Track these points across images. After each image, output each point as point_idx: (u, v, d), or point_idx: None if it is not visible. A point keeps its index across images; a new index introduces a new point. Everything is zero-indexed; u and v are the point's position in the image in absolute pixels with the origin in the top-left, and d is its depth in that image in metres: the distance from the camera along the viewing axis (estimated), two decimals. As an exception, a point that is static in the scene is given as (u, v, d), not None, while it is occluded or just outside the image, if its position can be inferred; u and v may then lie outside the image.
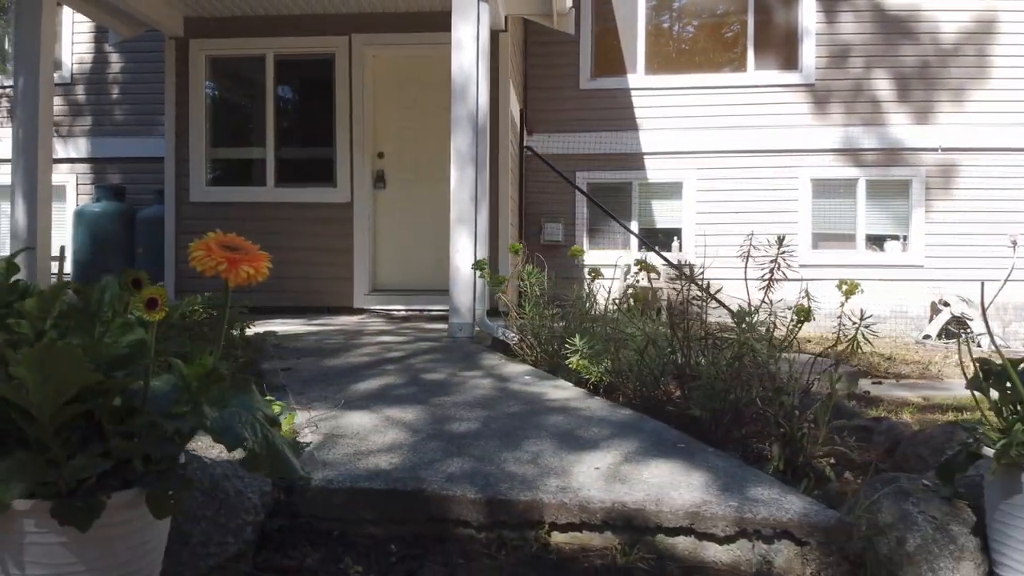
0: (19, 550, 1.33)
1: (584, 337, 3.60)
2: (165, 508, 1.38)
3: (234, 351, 3.87)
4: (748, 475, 2.23)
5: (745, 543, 1.97)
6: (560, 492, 2.06)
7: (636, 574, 1.91)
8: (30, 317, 1.34)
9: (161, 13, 6.78)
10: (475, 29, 4.97)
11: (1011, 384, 1.92)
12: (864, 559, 1.96)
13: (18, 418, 1.28)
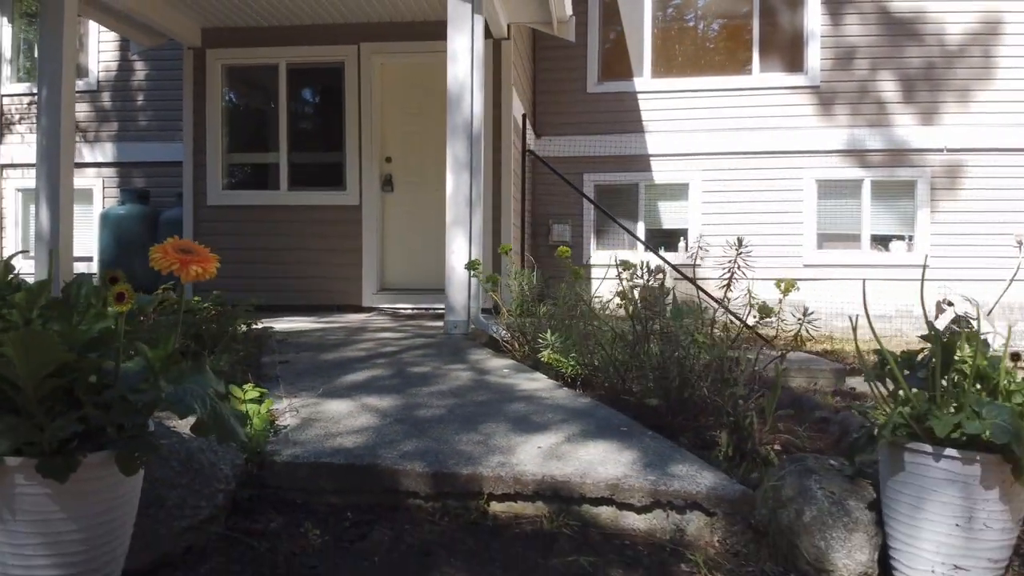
0: (10, 500, 1.61)
1: (555, 333, 3.83)
2: (132, 467, 1.65)
3: (235, 345, 4.16)
4: (674, 454, 2.46)
5: (660, 513, 2.20)
6: (500, 467, 2.31)
7: (560, 539, 2.15)
8: (19, 307, 1.62)
9: (179, 24, 7.14)
10: (469, 41, 5.22)
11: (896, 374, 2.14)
12: (768, 528, 2.18)
13: (8, 389, 1.56)
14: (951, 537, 1.93)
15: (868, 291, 8.33)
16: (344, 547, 2.13)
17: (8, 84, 10.77)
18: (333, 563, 2.04)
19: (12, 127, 10.74)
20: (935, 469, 1.95)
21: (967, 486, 1.91)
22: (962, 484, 1.91)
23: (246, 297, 5.23)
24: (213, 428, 1.64)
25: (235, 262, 7.47)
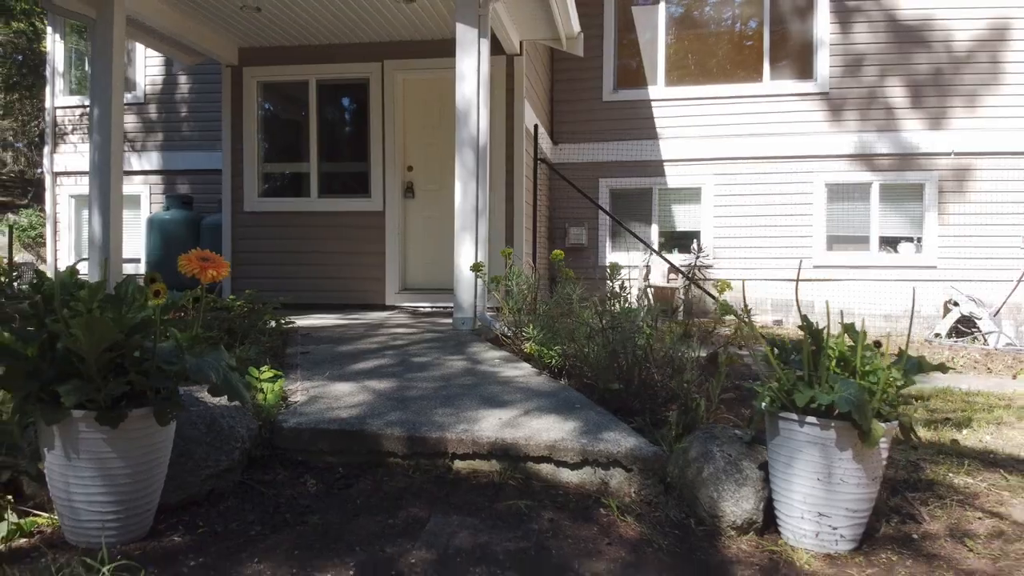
0: (75, 443, 2.19)
1: (539, 329, 4.34)
2: (164, 419, 2.22)
3: (262, 338, 4.76)
4: (609, 424, 2.96)
5: (589, 469, 2.71)
6: (463, 432, 2.84)
7: (507, 489, 2.68)
8: (83, 300, 2.18)
9: (218, 45, 7.80)
10: (476, 63, 5.76)
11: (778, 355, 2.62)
12: (676, 483, 2.67)
13: (75, 360, 2.13)
14: (815, 489, 2.41)
15: (878, 291, 8.93)
16: (334, 493, 2.68)
17: (61, 97, 11.61)
18: (323, 504, 2.58)
19: (65, 137, 11.57)
20: (800, 433, 2.42)
21: (825, 447, 2.39)
22: (821, 446, 2.39)
23: (280, 295, 5.85)
24: (224, 390, 2.20)
25: (270, 264, 8.13)
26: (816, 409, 2.39)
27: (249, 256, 8.17)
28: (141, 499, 2.31)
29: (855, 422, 2.33)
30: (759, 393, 2.62)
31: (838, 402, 2.30)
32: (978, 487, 3.07)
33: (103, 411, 2.14)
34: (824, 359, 2.52)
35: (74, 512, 2.25)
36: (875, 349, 2.58)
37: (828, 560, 2.36)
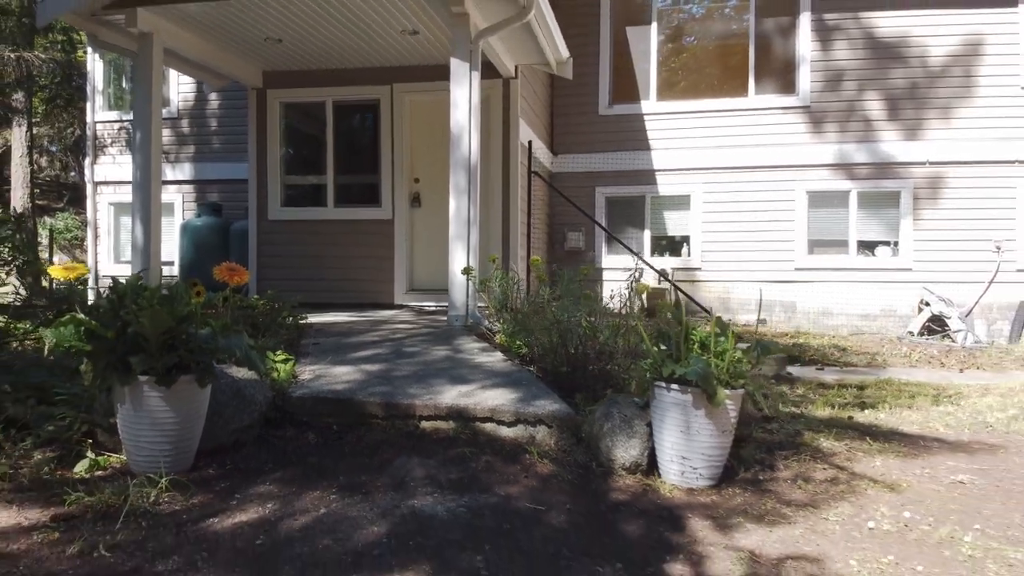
0: (140, 400, 3.12)
1: (505, 323, 5.23)
2: (203, 383, 3.15)
3: (280, 331, 5.70)
4: (540, 394, 3.86)
5: (521, 427, 3.60)
6: (428, 400, 3.75)
7: (459, 441, 3.58)
8: (147, 299, 3.12)
9: (244, 71, 8.79)
10: (467, 92, 6.66)
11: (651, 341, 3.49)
12: (586, 437, 3.55)
13: (141, 340, 3.07)
14: (679, 439, 3.28)
15: (856, 292, 9.98)
16: (328, 444, 3.60)
17: (100, 112, 12.70)
18: (320, 451, 3.51)
19: (105, 150, 12.66)
20: (668, 397, 3.30)
21: (684, 408, 3.25)
22: (682, 406, 3.26)
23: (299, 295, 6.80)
24: (245, 363, 3.13)
25: (291, 267, 9.10)
26: (679, 379, 3.26)
27: (272, 260, 9.14)
28: (185, 442, 3.24)
29: (704, 388, 3.19)
30: (643, 368, 3.49)
31: (689, 374, 3.17)
32: (839, 449, 3.91)
33: (160, 376, 3.08)
34: (688, 343, 3.39)
35: (139, 450, 3.18)
36: (728, 336, 3.43)
37: (687, 492, 3.23)
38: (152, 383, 3.09)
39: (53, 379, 3.78)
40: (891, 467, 3.61)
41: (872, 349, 8.56)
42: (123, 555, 2.43)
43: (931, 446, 4.08)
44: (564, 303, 4.78)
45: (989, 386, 6.49)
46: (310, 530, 2.62)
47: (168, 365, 3.10)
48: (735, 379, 3.33)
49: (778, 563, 2.46)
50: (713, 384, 3.17)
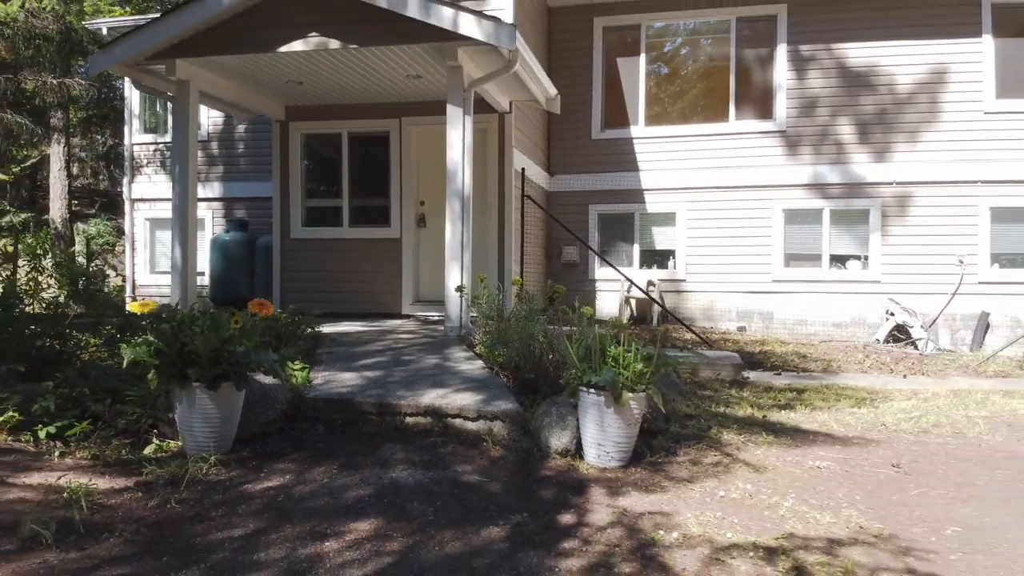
0: (193, 400, 4.28)
1: (485, 335, 6.35)
2: (240, 387, 4.31)
3: (299, 342, 6.85)
4: (501, 396, 4.98)
5: (482, 422, 4.73)
6: (411, 400, 4.88)
7: (433, 432, 4.71)
8: (201, 324, 4.28)
9: (268, 107, 9.98)
10: (461, 134, 7.78)
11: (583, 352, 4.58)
12: (532, 430, 4.66)
13: (195, 357, 4.23)
14: (596, 430, 4.38)
15: (829, 303, 11.27)
16: (334, 434, 4.74)
17: (137, 135, 13.98)
18: (326, 439, 4.65)
19: (141, 170, 13.94)
20: (588, 399, 4.40)
21: (599, 406, 4.35)
22: (597, 405, 4.36)
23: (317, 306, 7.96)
24: (270, 372, 4.30)
25: (310, 280, 10.28)
26: (595, 385, 4.36)
27: (294, 273, 10.33)
28: (227, 431, 4.40)
29: (612, 392, 4.29)
30: (571, 376, 4.59)
31: (600, 381, 4.28)
32: (736, 441, 4.99)
33: (209, 382, 4.24)
34: (604, 357, 4.49)
35: (192, 437, 4.34)
36: (634, 351, 4.51)
37: (600, 470, 4.33)
38: (203, 388, 4.25)
39: (122, 384, 4.95)
40: (770, 455, 4.69)
41: (832, 356, 9.57)
42: (187, 506, 3.58)
43: (816, 440, 5.15)
44: (526, 321, 5.87)
45: (919, 391, 7.51)
46: (315, 492, 3.76)
47: (215, 375, 4.26)
48: (637, 384, 4.41)
49: (639, 516, 3.55)
50: (619, 389, 4.26)
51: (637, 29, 11.93)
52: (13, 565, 2.78)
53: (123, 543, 3.08)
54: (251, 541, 3.13)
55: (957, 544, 3.24)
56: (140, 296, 13.88)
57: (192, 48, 7.98)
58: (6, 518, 3.23)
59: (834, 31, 11.28)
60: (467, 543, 3.14)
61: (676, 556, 3.04)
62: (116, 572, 2.79)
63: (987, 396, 7.11)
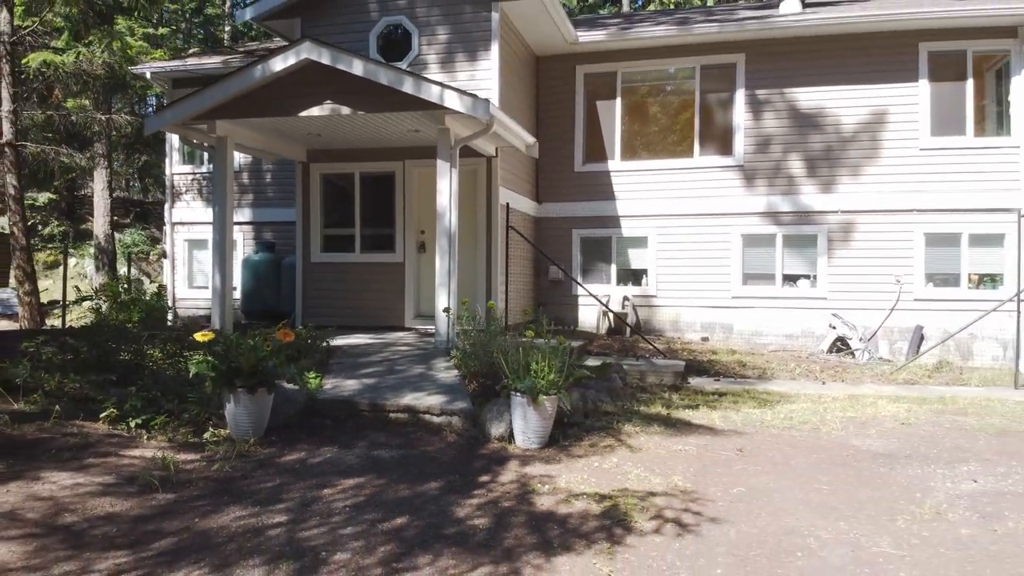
0: (238, 399, 6.23)
1: (457, 349, 8.25)
2: (270, 392, 6.27)
3: (315, 354, 8.80)
4: (461, 398, 6.89)
5: (444, 417, 6.65)
6: (394, 400, 6.81)
7: (408, 424, 6.63)
8: (246, 345, 6.21)
9: (292, 152, 11.97)
10: (448, 184, 9.68)
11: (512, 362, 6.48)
12: (480, 423, 6.56)
13: (239, 370, 6.18)
14: (521, 422, 6.27)
15: (782, 317, 13.70)
16: (337, 426, 6.68)
17: (176, 166, 16.07)
18: (331, 430, 6.59)
19: (180, 196, 16.03)
20: (516, 399, 6.29)
21: (523, 405, 6.24)
22: (522, 405, 6.25)
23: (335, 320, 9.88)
24: (292, 381, 6.26)
25: (328, 298, 12.25)
26: (519, 389, 6.24)
27: (315, 292, 12.31)
28: (260, 422, 6.35)
29: (530, 395, 6.17)
30: (506, 383, 6.47)
31: (521, 388, 6.16)
32: (633, 431, 6.83)
33: (248, 388, 6.18)
34: (527, 368, 6.37)
35: (237, 427, 6.29)
36: (548, 364, 6.38)
37: (524, 450, 6.21)
38: (245, 392, 6.20)
39: (184, 388, 6.92)
40: (651, 442, 6.54)
41: (771, 364, 11.35)
42: (235, 470, 5.52)
43: (695, 432, 6.99)
44: (488, 339, 7.77)
45: (823, 395, 9.29)
46: (321, 463, 5.69)
47: (253, 383, 6.20)
48: (551, 390, 6.28)
49: (533, 477, 5.43)
50: (536, 393, 6.15)
51: (614, 75, 13.78)
52: (138, 499, 4.72)
53: (199, 490, 5.02)
54: (277, 489, 5.06)
55: (733, 498, 5.08)
56: (179, 307, 15.98)
57: (228, 111, 9.98)
58: (126, 474, 5.19)
59: (786, 77, 13.05)
60: (414, 491, 5.04)
61: (542, 499, 4.92)
62: (199, 504, 4.72)
63: (876, 400, 8.88)
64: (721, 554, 4.00)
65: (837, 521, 4.53)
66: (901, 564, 3.89)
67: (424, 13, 11.71)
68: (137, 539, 4.05)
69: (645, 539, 4.20)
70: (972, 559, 3.97)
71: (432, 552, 3.94)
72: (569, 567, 3.79)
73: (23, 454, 5.38)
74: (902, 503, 4.90)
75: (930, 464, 5.93)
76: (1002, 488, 5.25)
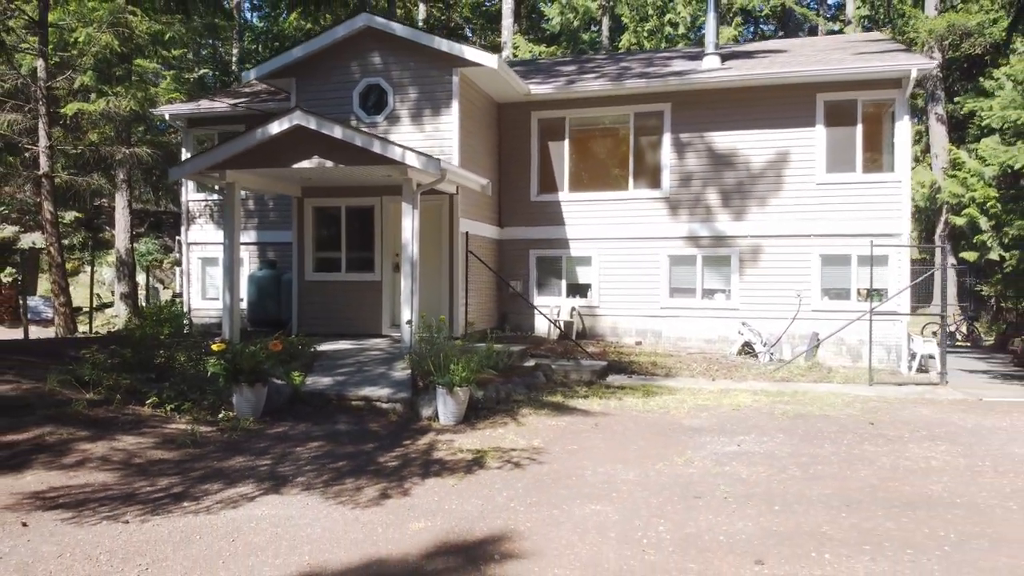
0: (242, 391, 9.03)
1: (411, 352, 11.04)
2: (264, 385, 9.07)
3: (304, 358, 11.60)
4: (405, 390, 9.67)
5: (390, 403, 9.44)
6: (355, 392, 9.60)
7: (363, 410, 9.42)
8: (247, 355, 8.99)
9: (289, 189, 14.78)
10: (411, 222, 12.43)
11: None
12: (417, 407, 9.33)
13: (244, 369, 8.98)
14: (442, 406, 9.04)
15: (702, 324, 17.33)
16: (314, 410, 9.48)
17: (191, 194, 18.91)
18: (310, 414, 9.39)
19: (195, 220, 18.87)
20: (439, 390, 9.05)
21: (443, 394, 9.00)
22: (443, 394, 9.01)
23: (325, 327, 12.67)
24: (282, 378, 9.06)
25: (320, 309, 15.05)
26: (440, 383, 8.98)
27: (308, 305, 15.10)
28: (258, 407, 9.14)
29: (447, 388, 8.92)
30: (431, 378, 9.24)
31: (442, 382, 8.92)
32: (528, 413, 9.57)
33: (249, 383, 8.97)
34: (448, 366, 9.12)
35: (241, 410, 9.08)
36: (462, 363, 9.13)
37: (444, 425, 8.97)
38: (247, 386, 8.98)
39: (204, 383, 9.72)
40: (537, 421, 9.26)
41: (680, 364, 14.03)
42: (240, 438, 8.30)
43: (574, 413, 9.71)
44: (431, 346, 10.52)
45: (702, 389, 11.97)
46: (298, 434, 8.47)
47: (252, 379, 8.99)
48: (464, 383, 9.01)
49: (441, 441, 8.16)
50: (451, 385, 8.90)
51: (563, 120, 16.53)
52: (177, 451, 7.50)
53: (215, 448, 7.79)
54: (265, 448, 7.82)
55: (565, 452, 7.79)
56: (194, 315, 18.83)
57: (236, 163, 12.79)
58: (168, 437, 7.98)
59: (705, 123, 15.75)
60: (356, 449, 7.81)
61: (439, 452, 7.67)
62: (215, 454, 7.49)
63: (739, 393, 11.55)
64: (528, 477, 6.75)
65: (616, 464, 7.26)
66: (627, 483, 6.61)
67: (398, 75, 14.50)
68: (180, 471, 6.84)
69: (489, 472, 6.95)
70: (679, 484, 6.67)
71: (355, 477, 6.72)
72: (433, 481, 6.56)
73: (101, 426, 8.20)
74: (672, 456, 7.62)
75: (723, 435, 8.63)
76: (751, 450, 7.95)
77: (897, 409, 10.29)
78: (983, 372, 15.70)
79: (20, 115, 19.27)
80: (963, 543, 5.19)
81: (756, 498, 6.20)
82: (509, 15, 30.05)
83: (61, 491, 6.12)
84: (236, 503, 5.95)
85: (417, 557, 4.87)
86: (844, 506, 5.99)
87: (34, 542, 5.00)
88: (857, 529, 5.45)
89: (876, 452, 7.75)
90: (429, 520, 5.58)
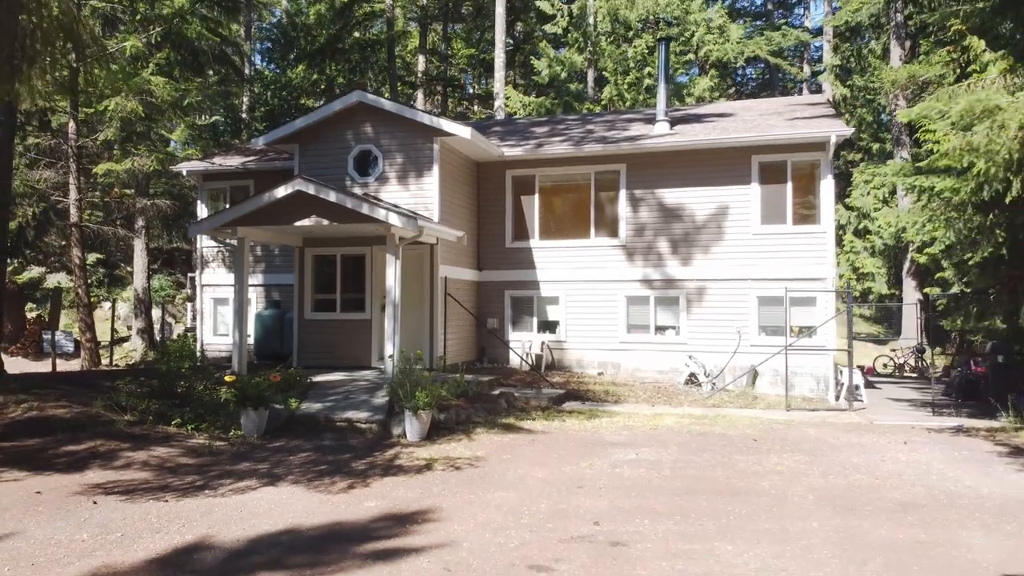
0: (249, 414, 11.42)
1: (392, 383, 13.42)
2: (266, 408, 11.46)
3: (299, 388, 13.98)
4: (381, 413, 12.03)
5: (368, 424, 11.81)
6: (340, 415, 11.98)
7: (346, 430, 11.78)
8: (253, 385, 11.37)
9: (292, 240, 17.26)
10: (394, 271, 14.84)
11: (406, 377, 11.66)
12: (390, 427, 11.70)
13: (251, 395, 11.40)
14: (409, 426, 11.40)
15: (655, 357, 20.42)
16: (308, 431, 11.85)
17: (204, 240, 21.42)
18: (303, 432, 11.75)
19: (208, 264, 21.37)
20: (407, 412, 11.40)
21: (410, 416, 11.35)
22: (410, 416, 11.35)
23: (322, 360, 15.08)
24: (280, 404, 11.47)
25: (317, 344, 17.45)
26: (408, 407, 11.33)
27: (307, 341, 17.49)
28: (260, 427, 11.52)
29: (414, 411, 11.27)
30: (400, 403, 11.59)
31: (408, 406, 11.28)
32: (482, 432, 11.89)
33: (255, 407, 11.35)
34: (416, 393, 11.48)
35: (248, 429, 11.45)
36: (426, 391, 11.49)
37: (410, 441, 11.30)
38: (252, 409, 11.36)
39: (218, 407, 12.11)
40: (487, 438, 11.57)
41: (629, 392, 16.30)
42: (246, 450, 10.67)
43: (519, 432, 12.02)
44: (406, 377, 12.89)
45: (639, 413, 14.25)
46: (291, 447, 10.83)
47: (257, 403, 11.37)
48: (427, 407, 11.35)
49: (405, 453, 10.48)
50: (416, 409, 11.25)
51: (533, 177, 19.01)
52: (198, 459, 9.87)
53: (227, 457, 10.15)
54: (266, 457, 10.17)
55: (500, 460, 10.08)
56: (206, 350, 21.27)
57: (246, 221, 15.29)
58: (191, 449, 10.34)
59: (656, 181, 18.18)
60: (336, 458, 10.15)
61: (400, 460, 10.00)
62: (227, 461, 9.84)
63: (667, 416, 13.81)
64: (462, 476, 9.07)
65: (534, 467, 9.57)
66: (535, 479, 8.90)
67: (387, 143, 17.03)
68: (200, 472, 9.21)
69: (434, 472, 9.28)
70: (573, 480, 8.95)
71: (331, 476, 9.07)
72: (389, 479, 8.90)
73: (138, 440, 10.59)
74: (580, 462, 9.92)
75: (630, 448, 10.91)
76: (644, 458, 10.21)
77: (790, 430, 12.56)
78: (909, 401, 17.79)
79: (53, 172, 21.92)
80: (748, 516, 7.49)
81: (623, 488, 8.52)
82: (501, 67, 32.71)
83: (116, 483, 8.51)
84: (243, 491, 8.31)
85: (366, 521, 7.22)
86: (685, 494, 8.29)
87: (104, 512, 7.39)
88: (680, 508, 7.76)
89: (740, 460, 10.04)
90: (379, 501, 7.93)
